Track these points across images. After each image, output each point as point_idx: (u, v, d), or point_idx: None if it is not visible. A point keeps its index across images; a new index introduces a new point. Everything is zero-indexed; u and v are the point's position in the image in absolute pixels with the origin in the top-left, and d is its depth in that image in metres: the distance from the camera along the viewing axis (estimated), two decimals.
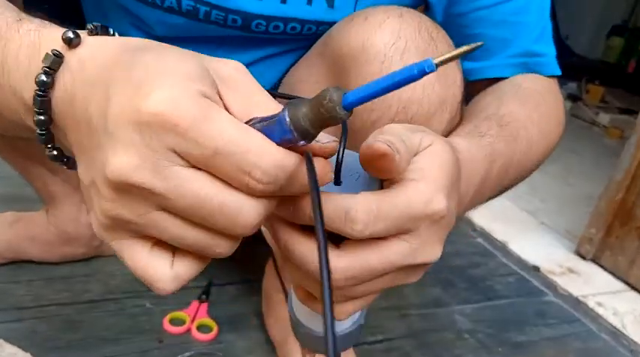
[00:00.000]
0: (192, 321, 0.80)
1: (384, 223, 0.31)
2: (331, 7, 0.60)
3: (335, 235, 0.32)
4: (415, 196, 0.32)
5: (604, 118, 2.72)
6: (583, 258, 1.33)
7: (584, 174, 1.95)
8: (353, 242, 0.32)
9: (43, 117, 0.31)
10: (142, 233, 0.29)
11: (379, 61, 0.50)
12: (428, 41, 0.51)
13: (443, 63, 0.25)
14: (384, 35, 0.51)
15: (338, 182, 0.34)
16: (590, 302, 1.13)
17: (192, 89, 0.27)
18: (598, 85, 2.98)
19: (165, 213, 0.28)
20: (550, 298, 1.12)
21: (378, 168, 0.32)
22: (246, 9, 0.58)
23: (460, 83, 0.54)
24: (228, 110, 0.29)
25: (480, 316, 1.00)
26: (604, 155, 2.15)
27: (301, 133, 0.27)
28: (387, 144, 0.31)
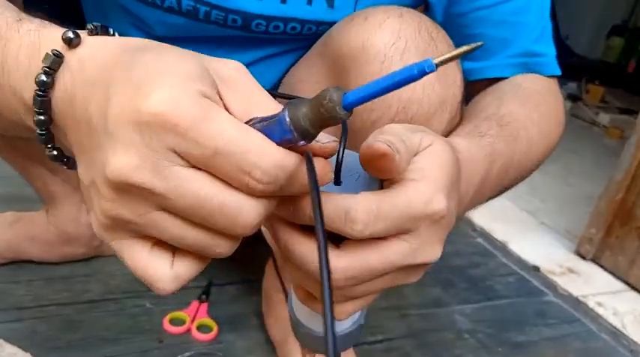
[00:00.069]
0: (193, 321, 0.80)
1: (384, 223, 0.31)
2: (331, 7, 0.60)
3: (335, 235, 0.32)
4: (415, 196, 0.32)
5: (604, 118, 2.72)
6: (583, 258, 1.33)
7: (584, 174, 1.95)
8: (353, 242, 0.32)
9: (43, 117, 0.31)
10: (141, 233, 0.29)
11: (379, 61, 0.50)
12: (428, 41, 0.51)
13: (443, 63, 0.25)
14: (384, 35, 0.51)
15: (338, 182, 0.34)
16: (590, 302, 1.13)
17: (193, 89, 0.27)
18: (598, 85, 2.98)
19: (165, 213, 0.28)
20: (550, 298, 1.12)
21: (378, 168, 0.32)
22: (246, 9, 0.58)
23: (460, 83, 0.54)
24: (228, 110, 0.29)
25: (480, 316, 1.00)
26: (604, 155, 2.15)
27: (301, 133, 0.27)
28: (387, 144, 0.31)
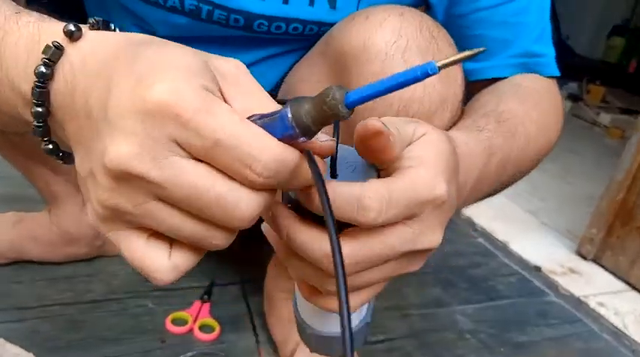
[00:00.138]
0: (195, 321, 0.80)
1: (395, 210, 0.31)
2: (333, 8, 0.60)
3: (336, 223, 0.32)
4: (419, 181, 0.32)
5: (605, 118, 2.72)
6: (584, 258, 1.33)
7: (585, 174, 1.95)
8: (354, 229, 0.32)
9: (40, 109, 0.31)
10: (138, 224, 0.29)
11: (380, 60, 0.50)
12: (429, 40, 0.51)
13: (446, 66, 0.26)
14: (385, 34, 0.51)
15: (334, 174, 0.34)
16: (592, 302, 1.13)
17: (195, 82, 0.27)
18: (599, 85, 2.99)
19: (163, 203, 0.28)
20: (551, 299, 1.12)
21: (373, 148, 0.32)
22: (249, 9, 0.58)
23: (461, 82, 0.54)
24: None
25: (482, 316, 1.00)
26: (605, 155, 2.15)
27: (303, 129, 0.27)
28: (382, 123, 0.31)
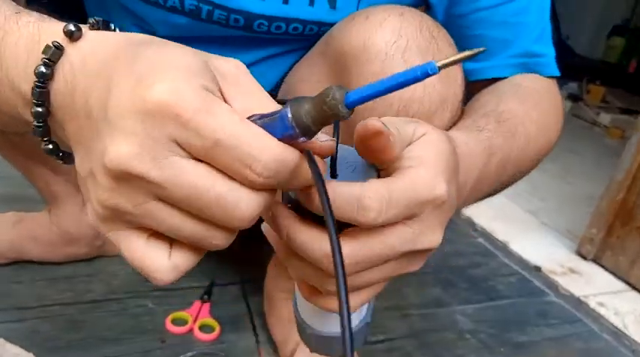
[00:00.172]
0: (195, 321, 0.80)
1: (395, 210, 0.31)
2: (333, 8, 0.60)
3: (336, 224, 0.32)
4: (419, 181, 0.32)
5: (605, 118, 2.72)
6: (584, 258, 1.33)
7: (585, 174, 1.95)
8: (354, 229, 0.32)
9: (40, 109, 0.31)
10: (138, 224, 0.29)
11: (380, 60, 0.50)
12: (429, 40, 0.51)
13: (446, 66, 0.25)
14: (385, 34, 0.51)
15: (334, 174, 0.34)
16: (592, 302, 1.13)
17: (195, 82, 0.27)
18: (599, 85, 2.99)
19: (162, 203, 0.28)
20: (551, 299, 1.12)
21: (373, 148, 0.32)
22: (249, 9, 0.58)
23: (461, 82, 0.54)
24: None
25: (482, 316, 1.00)
26: (605, 155, 2.15)
27: (303, 129, 0.27)
28: (382, 123, 0.31)
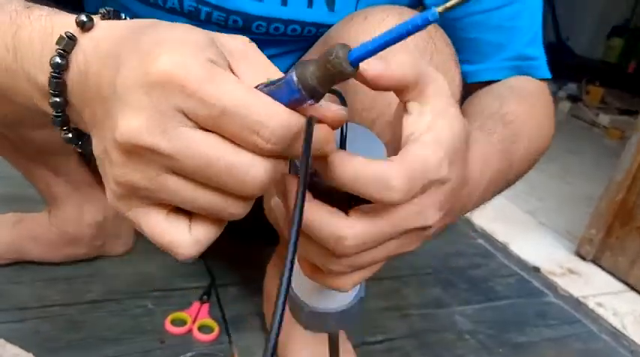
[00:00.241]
0: (194, 321, 0.80)
1: (414, 191, 0.31)
2: (332, 10, 0.60)
3: (342, 202, 0.32)
4: (430, 160, 0.32)
5: (604, 118, 2.72)
6: (583, 259, 1.33)
7: (584, 174, 1.95)
8: (360, 208, 0.32)
9: (58, 99, 0.32)
10: (154, 200, 0.30)
11: None
12: (427, 39, 0.52)
13: (447, 10, 0.25)
14: None
15: (343, 146, 0.34)
16: (591, 303, 1.14)
17: (202, 55, 0.27)
18: (598, 86, 2.99)
19: (175, 176, 0.28)
20: (550, 299, 1.12)
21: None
22: (247, 10, 0.58)
23: (459, 83, 0.54)
24: None
25: (481, 316, 1.00)
26: (604, 156, 2.15)
27: (309, 91, 0.27)
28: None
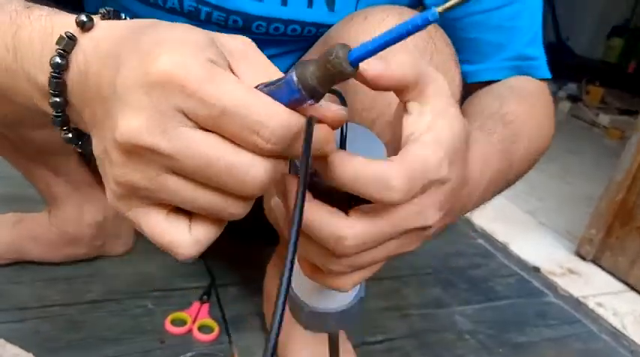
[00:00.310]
0: (194, 321, 0.80)
1: (414, 191, 0.31)
2: (332, 10, 0.60)
3: (343, 202, 0.32)
4: (430, 160, 0.32)
5: (604, 118, 2.72)
6: (583, 259, 1.33)
7: (584, 174, 1.95)
8: (361, 208, 0.32)
9: (58, 99, 0.32)
10: (154, 200, 0.30)
11: None
12: (426, 39, 0.52)
13: (446, 10, 0.25)
14: None
15: (343, 146, 0.34)
16: (591, 303, 1.14)
17: (201, 55, 0.27)
18: (598, 86, 2.99)
19: (175, 176, 0.28)
20: (550, 299, 1.12)
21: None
22: (247, 10, 0.58)
23: (459, 83, 0.54)
24: None
25: (481, 316, 1.00)
26: (604, 156, 2.15)
27: (309, 91, 0.27)
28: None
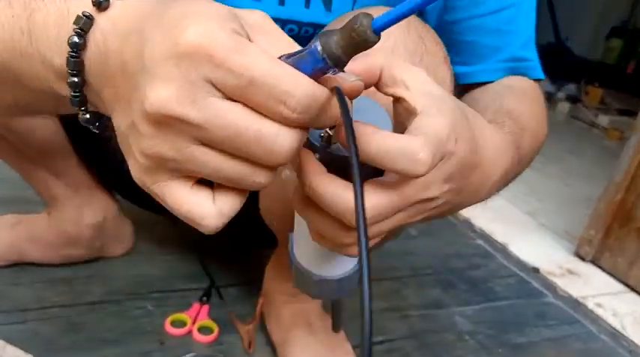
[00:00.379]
0: (194, 323, 0.80)
1: (436, 163, 0.32)
2: (329, 9, 0.60)
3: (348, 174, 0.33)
4: (442, 133, 0.33)
5: (603, 119, 2.73)
6: (582, 259, 1.33)
7: (583, 175, 1.96)
8: (376, 181, 0.33)
9: (76, 79, 0.32)
10: (181, 172, 0.30)
11: None
12: (417, 41, 0.52)
13: None
14: None
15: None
16: (590, 303, 1.14)
17: (227, 26, 0.28)
18: (597, 87, 2.99)
19: (204, 146, 0.29)
20: (550, 300, 1.12)
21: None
22: None
23: (450, 82, 0.55)
24: None
25: (481, 317, 1.00)
26: (603, 156, 2.15)
27: (334, 60, 0.28)
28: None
